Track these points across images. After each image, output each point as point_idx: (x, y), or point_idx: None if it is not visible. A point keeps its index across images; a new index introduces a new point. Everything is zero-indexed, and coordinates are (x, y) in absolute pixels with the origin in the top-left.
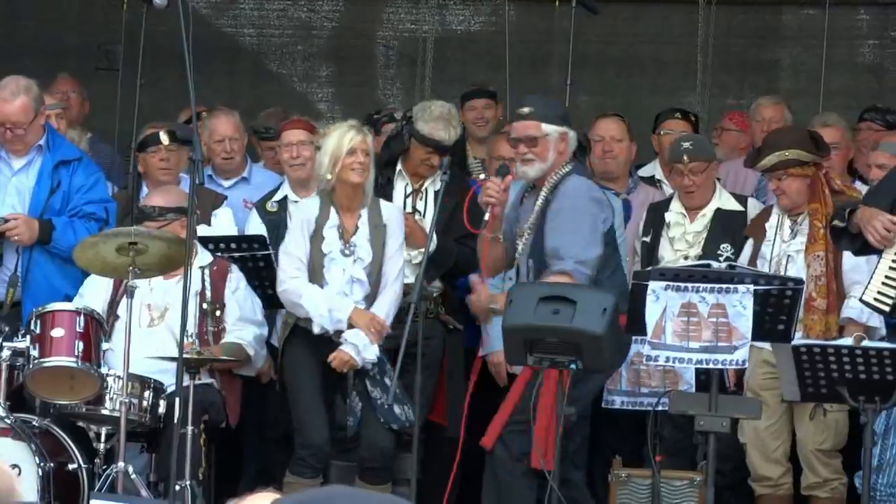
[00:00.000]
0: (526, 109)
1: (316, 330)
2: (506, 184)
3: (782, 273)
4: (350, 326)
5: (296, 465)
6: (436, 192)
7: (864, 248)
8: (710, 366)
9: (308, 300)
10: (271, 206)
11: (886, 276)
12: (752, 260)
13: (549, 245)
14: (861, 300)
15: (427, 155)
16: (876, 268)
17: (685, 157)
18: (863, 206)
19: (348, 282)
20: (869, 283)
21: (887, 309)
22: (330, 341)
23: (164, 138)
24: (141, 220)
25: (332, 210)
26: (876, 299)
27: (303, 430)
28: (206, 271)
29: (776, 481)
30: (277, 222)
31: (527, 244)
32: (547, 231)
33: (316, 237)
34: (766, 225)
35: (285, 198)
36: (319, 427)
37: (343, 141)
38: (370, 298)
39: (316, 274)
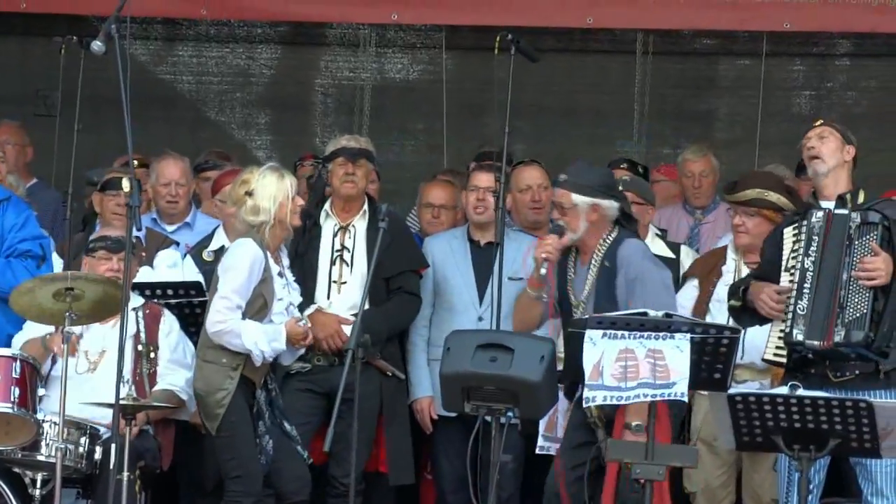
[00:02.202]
0: (562, 177)
1: (257, 362)
2: (561, 243)
3: None
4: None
5: None
6: (369, 232)
7: (764, 319)
8: (650, 399)
9: (248, 337)
10: (207, 255)
11: (781, 331)
12: (703, 300)
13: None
14: (763, 360)
15: (341, 167)
16: (770, 328)
17: None
18: (752, 282)
19: (286, 314)
20: (767, 342)
21: (785, 360)
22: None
23: (126, 185)
24: (94, 250)
25: (267, 253)
26: (776, 354)
27: (250, 478)
28: (140, 313)
29: None
30: (213, 272)
31: (586, 313)
32: (635, 304)
33: (267, 281)
34: (723, 268)
35: (222, 247)
36: (260, 474)
37: (285, 186)
38: None
39: (262, 315)
